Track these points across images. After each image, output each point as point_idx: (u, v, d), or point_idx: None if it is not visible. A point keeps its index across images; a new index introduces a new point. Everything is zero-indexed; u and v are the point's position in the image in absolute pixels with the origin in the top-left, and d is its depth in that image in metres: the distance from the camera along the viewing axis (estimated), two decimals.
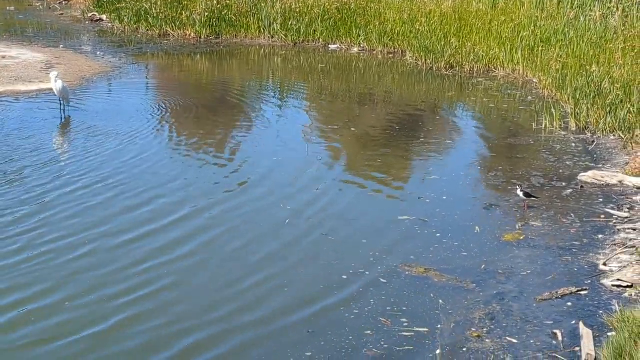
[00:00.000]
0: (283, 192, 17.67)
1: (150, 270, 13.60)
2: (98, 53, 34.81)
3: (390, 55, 34.71)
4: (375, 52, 35.26)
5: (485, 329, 11.83)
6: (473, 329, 11.83)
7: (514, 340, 11.52)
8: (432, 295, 12.90)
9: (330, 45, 36.74)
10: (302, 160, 20.26)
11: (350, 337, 11.62)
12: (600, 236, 15.25)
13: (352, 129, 23.61)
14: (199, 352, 11.23)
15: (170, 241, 14.83)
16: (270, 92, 29.70)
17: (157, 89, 29.46)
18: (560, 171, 19.21)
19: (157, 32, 39.00)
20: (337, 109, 26.67)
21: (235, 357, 11.12)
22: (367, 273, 13.69)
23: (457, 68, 31.35)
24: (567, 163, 19.83)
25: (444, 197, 17.49)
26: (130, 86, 28.96)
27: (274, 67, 33.78)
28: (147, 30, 39.44)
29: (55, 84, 23.69)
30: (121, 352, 11.20)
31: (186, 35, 38.53)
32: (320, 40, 37.03)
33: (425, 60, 32.18)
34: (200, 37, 38.16)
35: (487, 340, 11.52)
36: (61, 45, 36.30)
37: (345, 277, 13.57)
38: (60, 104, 24.27)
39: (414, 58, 32.94)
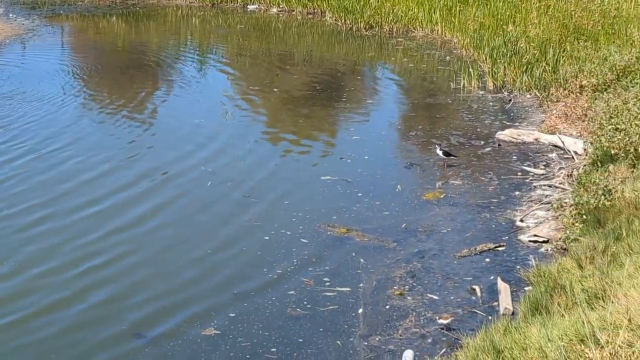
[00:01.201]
0: (204, 155, 17.57)
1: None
2: (10, 15, 33.95)
3: (310, 16, 34.62)
4: (294, 13, 35.13)
5: (407, 287, 12.01)
6: (395, 287, 12.00)
7: (435, 297, 11.73)
8: (353, 254, 13.03)
9: (248, 6, 36.48)
10: (223, 122, 20.17)
11: (274, 298, 11.69)
12: (517, 193, 15.56)
13: (275, 90, 23.55)
14: (126, 316, 11.18)
15: (83, 206, 14.70)
16: (189, 53, 29.39)
17: (73, 52, 28.93)
18: (479, 130, 19.49)
19: None
20: (257, 70, 26.56)
21: (159, 321, 11.08)
22: (288, 233, 13.75)
23: (377, 28, 31.45)
24: (485, 122, 20.13)
25: (366, 157, 17.62)
26: (45, 49, 28.36)
27: (192, 29, 33.41)
28: None
29: None
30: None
31: None
32: (239, 0, 36.69)
33: (345, 20, 32.19)
34: None
35: (408, 298, 11.70)
36: None
37: (267, 238, 13.62)
38: None
39: (334, 18, 32.92)
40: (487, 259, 12.87)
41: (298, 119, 20.71)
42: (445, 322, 10.93)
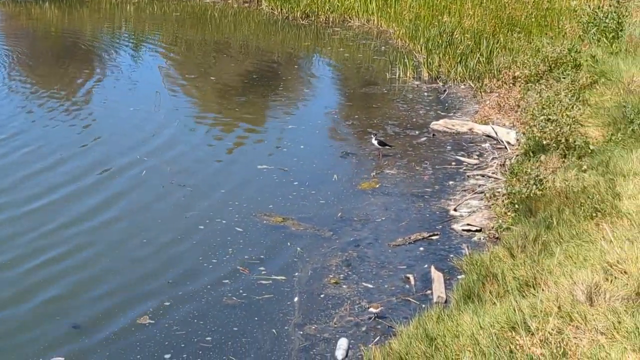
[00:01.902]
0: (139, 143, 17.42)
1: None
2: None
3: (246, 5, 34.43)
4: (230, 1, 34.90)
5: (342, 275, 12.08)
6: (330, 276, 12.06)
7: (370, 286, 11.82)
8: (289, 243, 13.06)
9: None
10: (159, 110, 19.99)
11: (209, 287, 11.67)
12: (451, 182, 15.74)
13: (211, 78, 23.43)
14: (61, 306, 11.07)
15: (15, 200, 14.50)
16: (123, 41, 29.04)
17: (5, 38, 28.36)
18: (414, 120, 19.64)
19: None
20: (193, 59, 26.38)
21: (94, 311, 10.99)
22: (224, 222, 13.72)
23: (313, 18, 31.42)
24: (420, 112, 20.28)
25: (302, 146, 17.65)
26: None
27: (126, 16, 33.00)
28: None
29: None
30: None
31: None
32: None
33: (281, 9, 32.11)
34: None
35: (344, 287, 11.77)
36: None
37: (202, 227, 13.57)
38: None
39: (270, 7, 32.81)
40: (421, 248, 13.01)
41: (234, 108, 20.64)
42: (375, 310, 11.01)
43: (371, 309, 11.03)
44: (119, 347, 10.22)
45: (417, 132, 18.66)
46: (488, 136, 18.12)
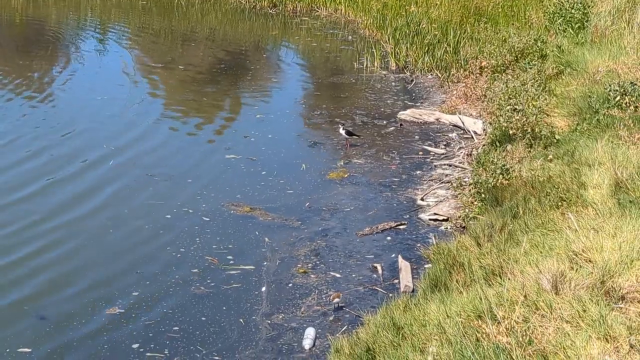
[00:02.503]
0: (107, 133, 17.30)
1: None
2: None
3: None
4: None
5: (310, 265, 12.12)
6: (299, 265, 12.09)
7: (338, 275, 11.86)
8: (257, 233, 13.06)
9: None
10: (126, 99, 19.85)
11: (177, 276, 11.66)
12: (418, 172, 15.81)
13: (180, 67, 23.31)
14: (29, 298, 11.00)
15: None
16: (89, 29, 28.79)
17: None
18: (382, 109, 19.68)
19: None
20: (160, 48, 26.22)
21: (62, 302, 10.95)
22: (191, 211, 13.69)
23: (281, 7, 31.31)
24: (388, 101, 20.33)
25: (270, 136, 17.63)
26: None
27: (92, 4, 32.68)
28: None
29: None
30: None
31: None
32: None
33: None
34: None
35: (312, 276, 11.81)
36: None
37: (169, 216, 13.54)
38: None
39: None
40: (389, 237, 13.07)
41: (202, 97, 20.56)
42: (337, 299, 11.01)
43: (335, 299, 11.04)
44: (88, 338, 10.19)
45: (384, 122, 18.71)
46: (455, 126, 18.21)
